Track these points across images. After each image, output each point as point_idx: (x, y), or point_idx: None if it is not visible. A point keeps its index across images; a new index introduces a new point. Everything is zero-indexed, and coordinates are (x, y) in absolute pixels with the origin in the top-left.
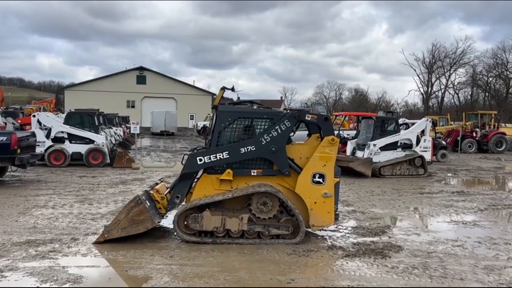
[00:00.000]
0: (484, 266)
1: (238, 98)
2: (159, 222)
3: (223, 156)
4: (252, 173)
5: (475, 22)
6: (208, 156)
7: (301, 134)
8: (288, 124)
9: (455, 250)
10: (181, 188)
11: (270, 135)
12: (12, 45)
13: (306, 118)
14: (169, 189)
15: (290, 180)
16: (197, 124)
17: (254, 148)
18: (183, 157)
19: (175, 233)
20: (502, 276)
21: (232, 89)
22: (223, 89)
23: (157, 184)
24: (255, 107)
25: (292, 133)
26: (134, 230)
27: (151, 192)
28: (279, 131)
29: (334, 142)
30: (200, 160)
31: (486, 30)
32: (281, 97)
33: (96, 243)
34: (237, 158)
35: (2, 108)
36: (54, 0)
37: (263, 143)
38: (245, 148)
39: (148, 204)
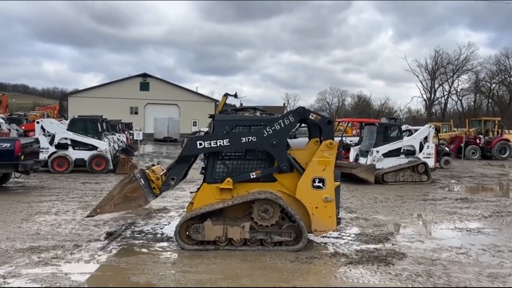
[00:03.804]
0: (489, 273)
1: (241, 104)
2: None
3: (223, 143)
4: (252, 176)
5: (481, 28)
6: (209, 141)
7: (302, 140)
8: (292, 119)
9: (459, 258)
10: (177, 171)
11: (273, 128)
12: (18, 51)
13: (310, 116)
14: (165, 171)
15: (290, 186)
16: (200, 130)
17: (255, 139)
18: (183, 140)
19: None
20: (507, 284)
21: (235, 96)
22: (226, 95)
23: (153, 165)
24: (257, 113)
25: (295, 129)
26: (127, 207)
27: (147, 171)
28: (282, 125)
29: (332, 146)
30: (200, 144)
31: (492, 37)
32: (284, 104)
33: (89, 217)
34: (237, 146)
35: (6, 114)
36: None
37: (264, 135)
38: (246, 138)
39: (143, 182)
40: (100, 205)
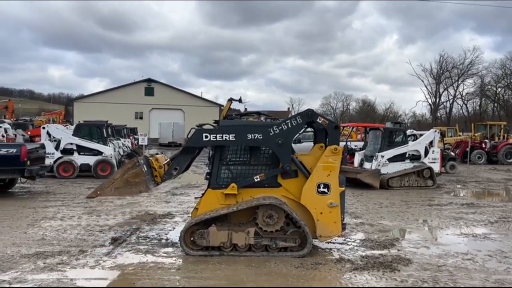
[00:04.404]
0: (495, 280)
1: (245, 109)
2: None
3: (229, 137)
4: (256, 179)
5: (486, 32)
6: (215, 135)
7: (307, 145)
8: (299, 120)
9: (465, 264)
10: (181, 161)
11: (280, 127)
12: (24, 57)
13: (318, 120)
14: (168, 160)
15: (295, 191)
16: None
17: (261, 137)
18: (190, 130)
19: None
20: None
21: (240, 100)
22: (230, 100)
23: (157, 154)
24: (262, 118)
25: (301, 131)
26: (128, 191)
27: (151, 159)
28: (289, 125)
29: (337, 151)
30: (206, 137)
31: (498, 41)
32: (288, 108)
33: (89, 197)
34: (242, 142)
35: (12, 120)
36: None
37: (271, 133)
38: (252, 134)
39: (145, 168)
40: (101, 187)
